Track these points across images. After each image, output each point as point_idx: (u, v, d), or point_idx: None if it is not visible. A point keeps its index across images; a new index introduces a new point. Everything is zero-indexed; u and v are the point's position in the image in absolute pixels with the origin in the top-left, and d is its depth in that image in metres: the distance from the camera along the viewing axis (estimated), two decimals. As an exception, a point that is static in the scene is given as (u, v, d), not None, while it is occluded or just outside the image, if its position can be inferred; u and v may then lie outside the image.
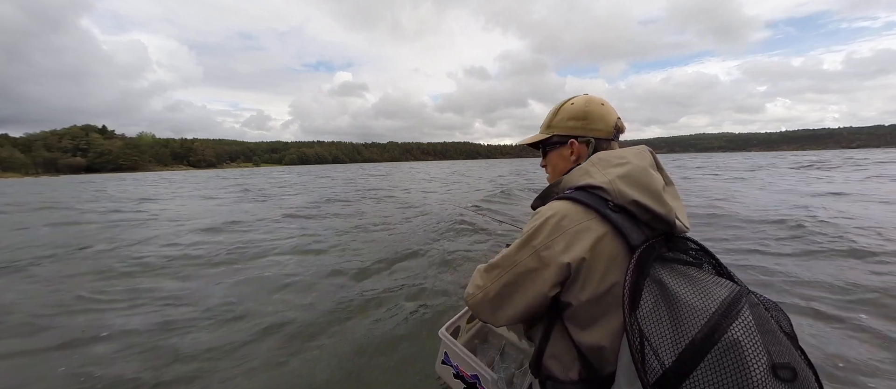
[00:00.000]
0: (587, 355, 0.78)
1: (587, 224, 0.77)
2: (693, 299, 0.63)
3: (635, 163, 0.82)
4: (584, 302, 0.76)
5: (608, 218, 0.76)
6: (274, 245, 5.67)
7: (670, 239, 0.79)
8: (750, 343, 0.57)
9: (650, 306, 0.66)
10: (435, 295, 3.46)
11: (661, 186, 0.80)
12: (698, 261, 0.76)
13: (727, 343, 0.57)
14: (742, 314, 0.59)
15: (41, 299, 3.60)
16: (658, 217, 0.76)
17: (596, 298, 0.76)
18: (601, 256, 0.75)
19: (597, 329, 0.77)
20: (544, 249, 0.79)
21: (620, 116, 0.99)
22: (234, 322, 3.01)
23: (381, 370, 2.32)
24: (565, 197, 0.83)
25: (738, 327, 0.58)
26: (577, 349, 0.79)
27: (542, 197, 0.97)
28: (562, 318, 0.81)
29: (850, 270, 3.64)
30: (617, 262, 0.75)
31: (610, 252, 0.76)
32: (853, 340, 2.40)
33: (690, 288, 0.66)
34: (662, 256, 0.73)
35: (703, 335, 0.58)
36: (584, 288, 0.76)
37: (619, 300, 0.74)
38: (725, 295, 0.62)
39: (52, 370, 2.37)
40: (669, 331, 0.62)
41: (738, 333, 0.57)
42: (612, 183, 0.79)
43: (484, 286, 0.89)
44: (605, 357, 0.76)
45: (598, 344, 0.76)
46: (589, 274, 0.76)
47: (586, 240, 0.76)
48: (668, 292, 0.66)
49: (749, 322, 0.59)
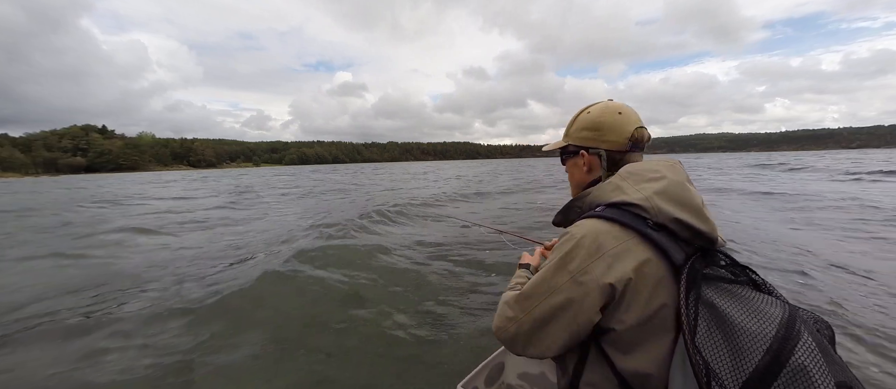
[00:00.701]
0: (630, 381, 0.73)
1: (627, 245, 0.72)
2: (748, 322, 0.60)
3: (671, 177, 0.77)
4: (629, 326, 0.71)
5: (650, 238, 0.71)
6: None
7: (706, 254, 0.74)
8: (816, 367, 0.54)
9: (704, 331, 0.63)
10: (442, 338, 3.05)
11: (701, 202, 0.76)
12: (739, 278, 0.71)
13: (794, 368, 0.54)
14: (802, 336, 0.57)
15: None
16: (700, 234, 0.73)
17: (642, 322, 0.71)
18: (645, 278, 0.70)
19: (641, 354, 0.72)
20: (582, 274, 0.72)
21: (644, 126, 0.92)
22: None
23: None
24: (599, 215, 0.78)
25: (802, 351, 0.55)
26: (618, 375, 0.74)
27: (564, 212, 0.93)
28: (599, 343, 0.76)
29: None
30: (663, 284, 0.71)
31: (654, 273, 0.71)
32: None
33: (742, 309, 0.62)
34: (706, 275, 0.69)
35: (766, 362, 0.55)
36: (628, 312, 0.71)
37: (665, 324, 0.70)
38: (781, 317, 0.59)
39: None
40: (728, 358, 0.58)
41: (803, 357, 0.54)
42: (649, 200, 0.74)
43: (516, 317, 0.80)
44: (651, 385, 0.71)
45: (644, 371, 0.71)
46: (634, 296, 0.71)
47: (629, 262, 0.71)
48: (720, 315, 0.62)
49: (811, 344, 0.56)
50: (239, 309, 3.47)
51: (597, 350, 0.76)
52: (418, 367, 2.56)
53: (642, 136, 0.90)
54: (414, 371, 2.51)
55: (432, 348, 2.80)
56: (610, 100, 0.95)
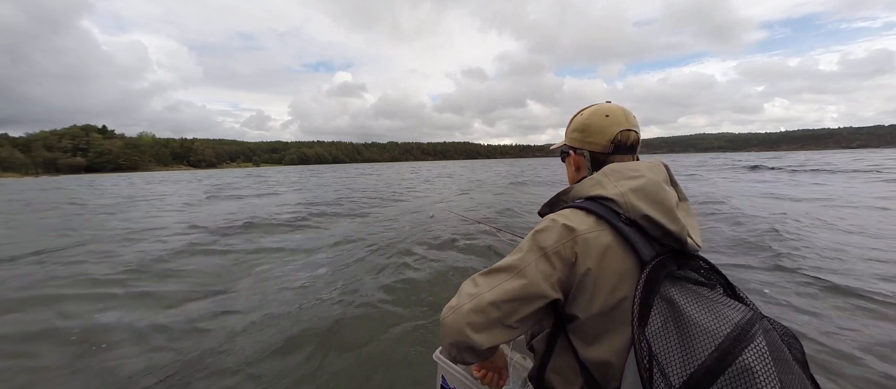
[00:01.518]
0: (592, 370, 0.76)
1: (598, 234, 0.75)
2: (705, 320, 0.61)
3: (649, 176, 0.80)
4: (592, 315, 0.74)
5: (619, 231, 0.74)
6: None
7: (681, 256, 0.76)
8: (763, 370, 0.54)
9: (659, 324, 0.65)
10: (427, 310, 3.31)
11: (675, 202, 0.78)
12: (710, 282, 0.73)
13: (739, 368, 0.55)
14: (756, 339, 0.57)
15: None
16: (669, 233, 0.74)
17: (604, 312, 0.74)
18: (611, 268, 0.73)
19: (603, 344, 0.75)
20: (553, 252, 0.75)
21: (633, 129, 0.90)
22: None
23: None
24: (576, 205, 0.82)
25: (751, 353, 0.56)
26: (581, 364, 0.77)
27: (550, 205, 0.94)
28: (566, 331, 0.80)
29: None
30: (627, 277, 0.73)
31: (620, 265, 0.73)
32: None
33: (702, 308, 0.63)
34: (673, 274, 0.72)
35: (714, 358, 0.56)
36: (592, 301, 0.74)
37: (627, 315, 0.72)
38: (738, 319, 0.60)
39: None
40: (678, 352, 0.60)
41: (750, 359, 0.55)
42: (624, 195, 0.77)
43: (477, 293, 0.75)
44: (611, 374, 0.75)
45: (604, 360, 0.74)
46: (597, 286, 0.73)
47: (595, 249, 0.73)
48: (678, 311, 0.64)
49: (762, 348, 0.57)
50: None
51: (564, 338, 0.80)
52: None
53: (627, 139, 0.90)
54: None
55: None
56: (607, 102, 0.96)
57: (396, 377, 2.38)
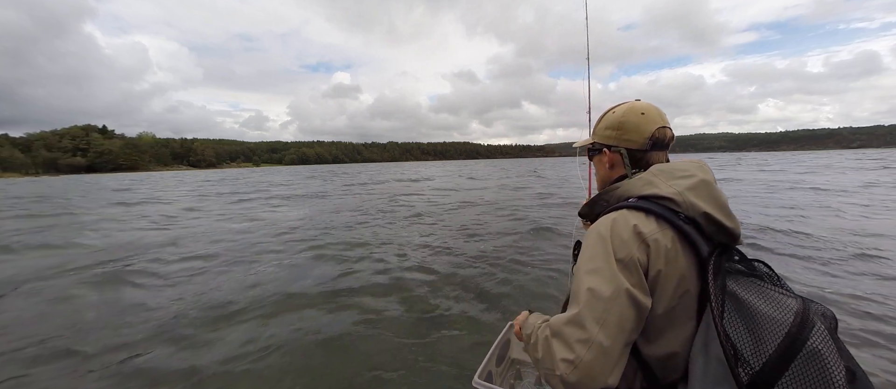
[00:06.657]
0: (653, 366, 0.78)
1: (661, 234, 0.76)
2: (768, 309, 0.65)
3: (700, 176, 0.82)
4: (657, 314, 0.76)
5: (681, 230, 0.76)
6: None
7: (727, 250, 0.79)
8: (829, 352, 0.60)
9: (728, 317, 0.67)
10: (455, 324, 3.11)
11: (727, 200, 0.82)
12: (757, 273, 0.76)
13: (809, 352, 0.60)
14: (817, 324, 0.63)
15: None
16: (725, 229, 0.78)
17: (668, 311, 0.76)
18: (676, 267, 0.75)
19: (666, 340, 0.77)
20: (632, 260, 0.74)
21: (668, 126, 0.93)
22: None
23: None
24: (632, 205, 0.81)
25: (817, 337, 0.61)
26: (640, 361, 0.79)
27: (591, 205, 0.96)
28: None
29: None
30: (688, 273, 0.76)
31: (682, 263, 0.76)
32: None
33: (761, 297, 0.68)
34: (726, 268, 0.74)
35: (785, 345, 0.61)
36: (660, 301, 0.75)
37: (689, 311, 0.75)
38: (797, 307, 0.65)
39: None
40: (749, 340, 0.64)
41: (817, 343, 0.61)
42: (681, 194, 0.78)
43: (590, 339, 0.70)
44: (671, 367, 0.77)
45: (669, 354, 0.77)
46: (665, 286, 0.75)
47: (663, 250, 0.75)
48: (741, 303, 0.68)
49: (823, 332, 0.62)
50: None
51: None
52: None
53: (664, 136, 0.91)
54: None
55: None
56: (637, 101, 0.97)
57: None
